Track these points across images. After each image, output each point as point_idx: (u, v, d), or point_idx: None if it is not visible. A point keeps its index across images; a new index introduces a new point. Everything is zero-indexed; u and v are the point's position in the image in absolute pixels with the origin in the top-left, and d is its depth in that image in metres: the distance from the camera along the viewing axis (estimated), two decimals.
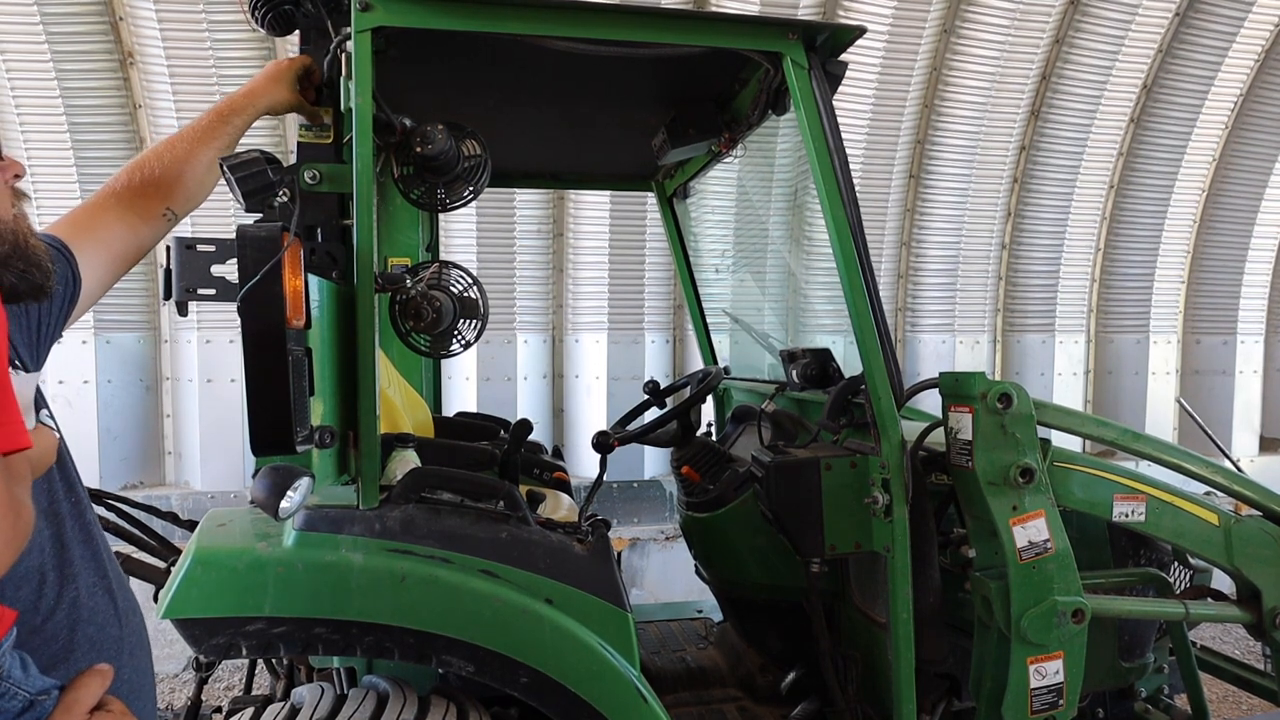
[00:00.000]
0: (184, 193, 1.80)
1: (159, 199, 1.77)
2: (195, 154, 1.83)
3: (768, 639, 2.92)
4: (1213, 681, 2.92)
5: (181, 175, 1.80)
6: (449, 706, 1.91)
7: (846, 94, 6.63)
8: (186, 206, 1.83)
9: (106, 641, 1.36)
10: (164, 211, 1.78)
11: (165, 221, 1.79)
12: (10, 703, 1.09)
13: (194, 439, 6.39)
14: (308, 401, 1.72)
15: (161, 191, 1.77)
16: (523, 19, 1.99)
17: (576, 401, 7.05)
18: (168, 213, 1.79)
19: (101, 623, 1.36)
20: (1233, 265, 8.20)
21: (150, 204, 1.76)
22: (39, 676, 1.14)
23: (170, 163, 1.80)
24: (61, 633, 1.29)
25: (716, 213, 5.00)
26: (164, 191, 1.78)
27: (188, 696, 2.59)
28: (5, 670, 1.09)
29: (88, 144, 6.01)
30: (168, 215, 1.79)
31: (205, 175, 1.84)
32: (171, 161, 1.80)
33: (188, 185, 1.81)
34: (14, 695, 1.10)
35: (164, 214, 1.78)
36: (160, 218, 1.78)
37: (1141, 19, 7.15)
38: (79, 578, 1.35)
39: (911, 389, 2.31)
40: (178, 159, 1.81)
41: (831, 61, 2.23)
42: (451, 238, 6.53)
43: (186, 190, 1.81)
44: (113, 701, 1.22)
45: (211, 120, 1.89)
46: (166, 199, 1.78)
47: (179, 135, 1.87)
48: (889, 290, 7.51)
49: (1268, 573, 2.41)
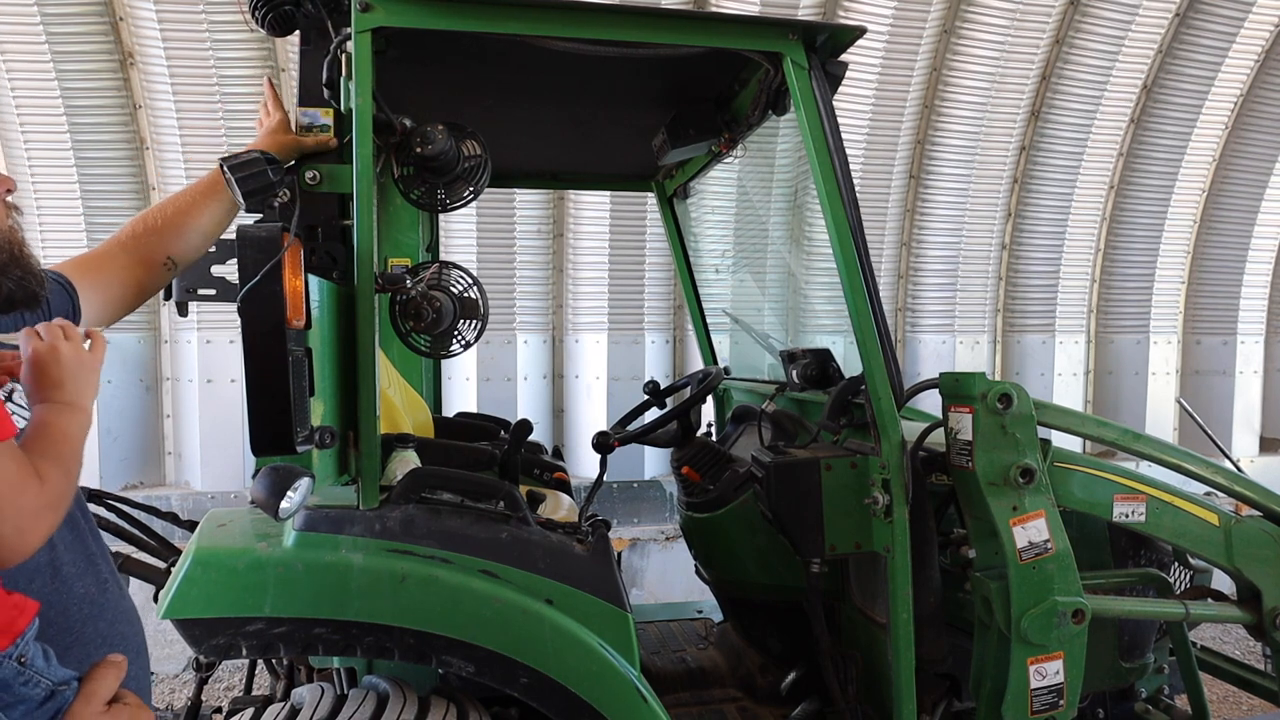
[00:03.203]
0: (184, 243, 1.87)
1: (161, 249, 1.84)
2: (198, 206, 1.89)
3: (768, 639, 2.92)
4: (1213, 682, 2.92)
5: (183, 226, 1.87)
6: (449, 706, 1.91)
7: (846, 94, 6.63)
8: (187, 257, 1.90)
9: (115, 638, 1.38)
10: (165, 261, 1.85)
11: (166, 271, 1.87)
12: (34, 690, 1.12)
13: (194, 439, 6.40)
14: (308, 402, 1.72)
15: (164, 241, 1.85)
16: (523, 19, 1.99)
17: (576, 402, 7.05)
18: (168, 262, 1.86)
19: (112, 619, 1.39)
20: (1233, 265, 8.20)
21: (152, 253, 1.83)
22: (59, 667, 1.17)
23: (173, 214, 1.87)
24: (74, 626, 1.32)
25: (716, 213, 5.00)
26: (166, 241, 1.85)
27: (188, 696, 2.59)
28: (29, 659, 1.12)
29: (88, 144, 6.01)
30: (168, 265, 1.86)
31: (208, 226, 1.91)
32: (174, 213, 1.87)
33: (188, 236, 1.88)
34: (37, 683, 1.13)
35: (165, 264, 1.86)
36: (161, 267, 1.85)
37: (1141, 19, 7.15)
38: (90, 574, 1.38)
39: (911, 389, 2.31)
40: (180, 210, 1.88)
41: (831, 62, 2.23)
42: (451, 238, 6.53)
43: (187, 241, 1.88)
44: (128, 694, 1.25)
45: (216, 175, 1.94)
46: (168, 249, 1.85)
47: (184, 190, 1.94)
48: (889, 290, 7.51)
49: (1268, 573, 2.40)
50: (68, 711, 1.15)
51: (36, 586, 1.27)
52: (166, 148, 6.12)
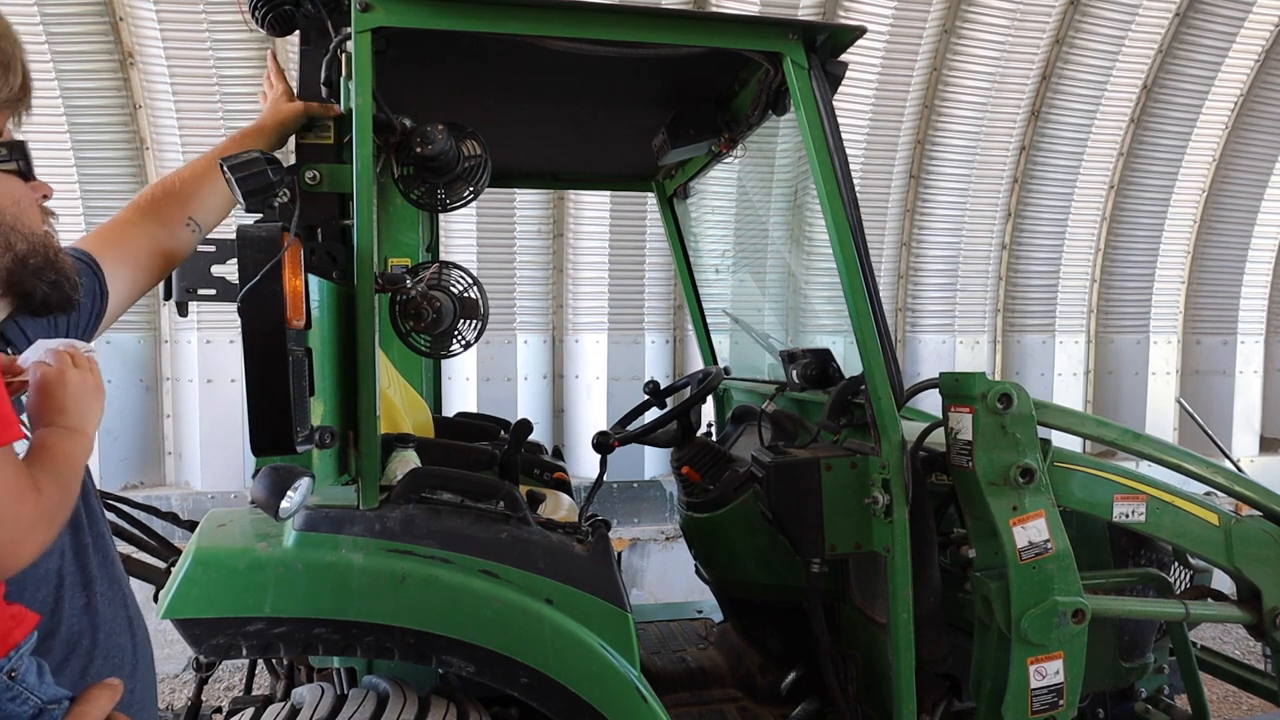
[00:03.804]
0: (204, 204, 1.84)
1: (180, 209, 1.81)
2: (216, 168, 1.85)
3: (768, 639, 2.92)
4: (1213, 681, 2.92)
5: (200, 187, 1.84)
6: (449, 706, 1.91)
7: (846, 94, 6.63)
8: (209, 218, 1.87)
9: (117, 651, 1.36)
10: (187, 221, 1.82)
11: (190, 232, 1.83)
12: (21, 707, 1.09)
13: (194, 439, 6.40)
14: (308, 401, 1.72)
15: (182, 202, 1.82)
16: (523, 19, 1.99)
17: (576, 402, 7.05)
18: (190, 223, 1.83)
19: (114, 631, 1.36)
20: (1233, 265, 8.20)
21: (172, 214, 1.80)
22: (52, 685, 1.14)
23: (189, 176, 1.85)
24: (77, 639, 1.29)
25: (716, 213, 4.99)
26: (185, 202, 1.82)
27: (188, 696, 2.59)
28: (20, 674, 1.09)
29: (88, 144, 6.01)
30: (191, 226, 1.83)
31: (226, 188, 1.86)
32: (190, 175, 1.85)
33: (207, 197, 1.85)
34: (25, 700, 1.10)
35: (187, 224, 1.82)
36: (184, 227, 1.82)
37: (1141, 19, 7.15)
38: (96, 584, 1.35)
39: (911, 389, 2.31)
40: (196, 173, 1.85)
41: (831, 62, 2.23)
42: (451, 238, 6.53)
43: (206, 202, 1.85)
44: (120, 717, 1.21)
45: (234, 139, 1.94)
46: (187, 208, 1.82)
47: (201, 156, 1.92)
48: (889, 290, 7.51)
49: (1268, 573, 2.41)
50: None
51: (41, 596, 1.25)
52: (166, 148, 6.12)
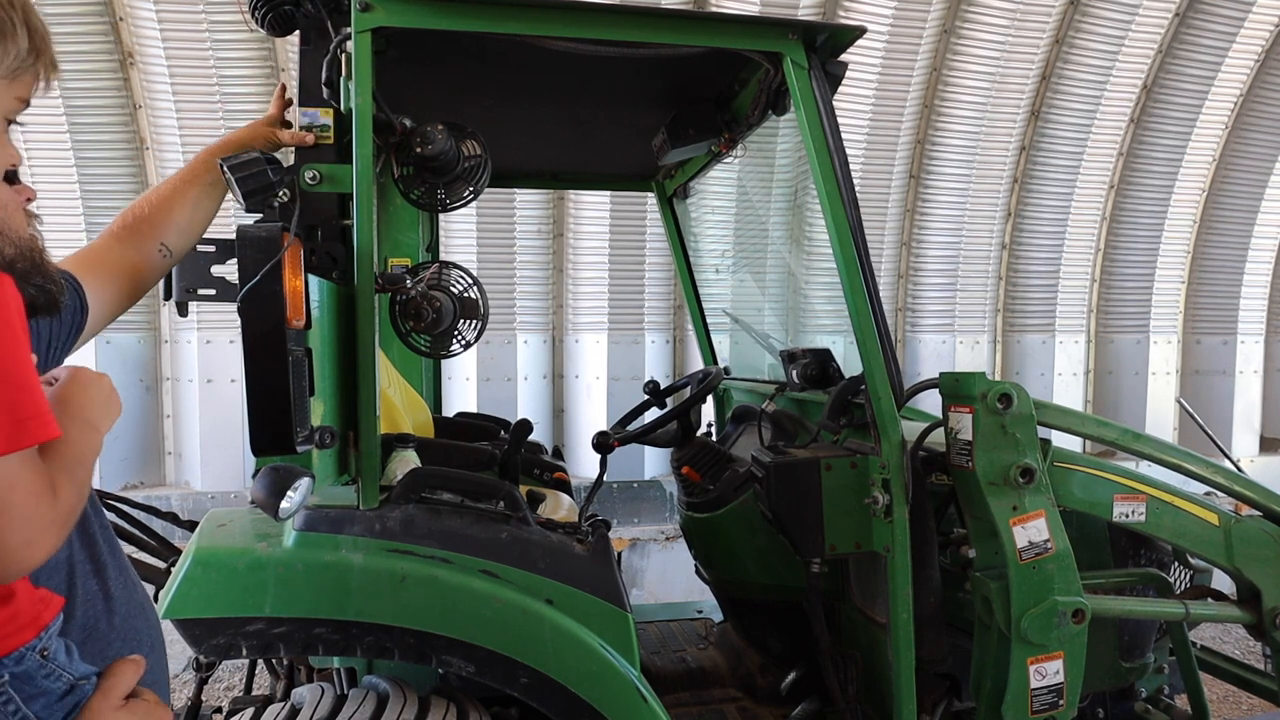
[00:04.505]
0: (175, 228, 1.86)
1: (153, 236, 1.82)
2: (183, 191, 1.88)
3: (768, 639, 2.92)
4: (1213, 681, 2.92)
5: (171, 211, 1.85)
6: (449, 706, 1.91)
7: (846, 94, 6.63)
8: (180, 242, 1.88)
9: (133, 633, 1.39)
10: (159, 248, 1.83)
11: (162, 259, 1.85)
12: (55, 684, 1.14)
13: (194, 439, 6.40)
14: (308, 402, 1.72)
15: (155, 228, 1.83)
16: (523, 19, 1.99)
17: (576, 401, 7.05)
18: (163, 249, 1.84)
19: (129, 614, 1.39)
20: (1233, 265, 8.21)
21: (145, 241, 1.82)
22: (80, 663, 1.19)
23: (158, 201, 1.86)
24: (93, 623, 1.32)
25: (716, 213, 5.00)
26: (157, 228, 1.83)
27: (188, 696, 2.59)
28: (52, 653, 1.14)
29: (88, 144, 6.01)
30: (163, 252, 1.84)
31: (194, 211, 1.89)
32: (158, 200, 1.86)
33: (178, 221, 1.86)
34: (59, 677, 1.15)
35: (159, 250, 1.84)
36: (156, 254, 1.83)
37: (1141, 19, 7.16)
38: (107, 569, 1.38)
39: (911, 389, 2.31)
40: (164, 197, 1.86)
41: (831, 62, 2.23)
42: (451, 238, 6.54)
43: (177, 226, 1.86)
44: (145, 692, 1.26)
45: (201, 158, 1.94)
46: (160, 235, 1.83)
47: (170, 177, 1.94)
48: (889, 290, 7.52)
49: (1268, 573, 2.40)
50: (86, 706, 1.17)
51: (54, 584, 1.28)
52: (166, 148, 6.12)
